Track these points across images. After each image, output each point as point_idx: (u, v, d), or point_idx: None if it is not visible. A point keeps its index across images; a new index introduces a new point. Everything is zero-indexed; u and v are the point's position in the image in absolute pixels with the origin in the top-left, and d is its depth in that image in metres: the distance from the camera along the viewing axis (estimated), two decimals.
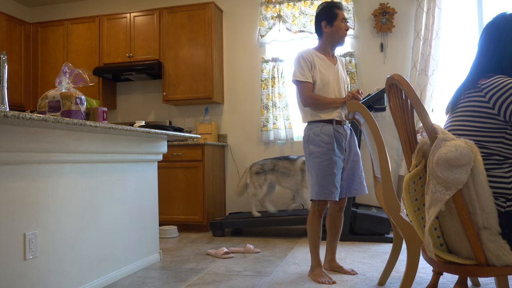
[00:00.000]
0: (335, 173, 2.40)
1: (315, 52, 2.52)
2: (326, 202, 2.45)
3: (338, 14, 2.47)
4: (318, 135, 2.43)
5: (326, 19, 2.48)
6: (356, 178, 2.53)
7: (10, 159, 1.83)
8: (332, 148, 2.41)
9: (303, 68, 2.45)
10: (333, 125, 2.45)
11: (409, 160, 1.49)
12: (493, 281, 2.22)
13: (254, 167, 3.94)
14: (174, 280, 2.50)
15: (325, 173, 2.39)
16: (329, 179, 2.39)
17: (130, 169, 2.71)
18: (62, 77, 2.33)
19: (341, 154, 2.45)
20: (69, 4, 5.34)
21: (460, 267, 1.35)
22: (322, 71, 2.47)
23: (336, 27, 2.47)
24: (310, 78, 2.46)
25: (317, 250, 2.46)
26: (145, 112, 4.98)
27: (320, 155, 2.41)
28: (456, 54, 4.09)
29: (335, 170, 2.40)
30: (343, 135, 2.47)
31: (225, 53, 4.73)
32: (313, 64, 2.46)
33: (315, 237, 2.46)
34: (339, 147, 2.44)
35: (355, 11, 4.29)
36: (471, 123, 1.45)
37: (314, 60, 2.47)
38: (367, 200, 4.20)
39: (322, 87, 2.46)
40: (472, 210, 1.31)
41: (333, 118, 2.45)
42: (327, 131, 2.43)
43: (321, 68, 2.47)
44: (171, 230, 3.92)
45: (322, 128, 2.44)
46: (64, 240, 2.14)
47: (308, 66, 2.45)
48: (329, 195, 2.39)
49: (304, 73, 2.45)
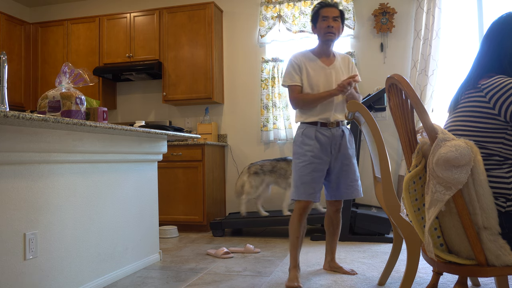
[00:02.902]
0: (312, 174, 2.38)
1: (307, 54, 2.50)
2: (307, 202, 2.40)
3: (320, 14, 2.44)
4: (300, 137, 2.45)
5: (312, 21, 2.50)
6: (345, 180, 2.48)
7: (10, 159, 1.83)
8: (311, 150, 2.40)
9: (291, 72, 2.46)
10: (317, 127, 2.43)
11: (409, 160, 1.49)
12: (493, 281, 2.22)
13: (253, 168, 3.94)
14: (174, 280, 2.50)
15: (301, 174, 2.40)
16: (305, 180, 2.38)
17: (130, 169, 2.71)
18: (62, 77, 2.33)
19: (324, 157, 2.42)
20: (69, 4, 5.35)
21: (460, 267, 1.35)
22: (311, 73, 2.44)
23: (318, 27, 2.45)
24: (299, 81, 2.45)
25: (295, 250, 2.42)
26: (145, 112, 4.98)
27: (300, 156, 2.43)
28: (456, 54, 4.09)
29: (313, 171, 2.38)
30: (328, 138, 2.43)
31: (225, 53, 4.73)
32: (301, 67, 2.45)
33: (293, 237, 2.43)
34: (322, 149, 2.41)
35: (355, 11, 4.29)
36: (471, 123, 1.45)
37: (302, 62, 2.46)
38: (367, 200, 4.20)
39: (310, 89, 2.44)
40: (472, 210, 1.31)
41: (317, 120, 2.43)
42: (309, 133, 2.43)
43: (310, 70, 2.45)
44: (171, 230, 3.92)
45: (305, 130, 2.45)
46: (64, 240, 2.14)
47: (295, 70, 2.46)
48: (304, 196, 2.38)
49: (291, 76, 2.46)
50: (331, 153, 2.45)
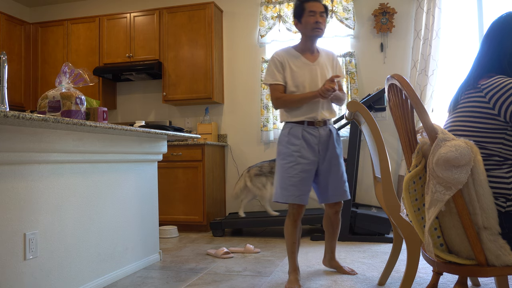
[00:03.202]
0: (300, 175, 2.30)
1: (290, 51, 2.40)
2: (300, 206, 2.33)
3: (306, 8, 2.32)
4: (286, 136, 2.36)
5: (295, 16, 2.38)
6: (333, 182, 2.39)
7: (10, 159, 1.83)
8: (298, 150, 2.32)
9: (273, 70, 2.37)
10: (304, 126, 2.35)
11: (409, 160, 1.49)
12: (493, 281, 2.22)
13: (253, 170, 3.93)
14: (174, 280, 2.50)
15: (287, 175, 2.31)
16: (291, 181, 2.29)
17: (130, 169, 2.71)
18: (62, 77, 2.33)
19: (312, 157, 2.34)
20: (69, 4, 5.35)
21: (460, 267, 1.35)
22: (295, 70, 2.35)
23: (304, 22, 2.32)
24: (281, 80, 2.36)
25: (293, 255, 2.37)
26: (145, 112, 4.98)
27: (286, 156, 2.33)
28: (456, 54, 4.09)
29: (300, 172, 2.30)
30: (315, 137, 2.34)
31: (225, 53, 4.73)
32: (284, 64, 2.36)
33: (290, 242, 2.37)
34: (309, 149, 2.33)
35: (355, 11, 4.29)
36: (471, 123, 1.45)
37: (285, 60, 2.36)
38: (367, 200, 4.20)
39: (295, 87, 2.35)
40: (472, 210, 1.31)
41: (304, 120, 2.35)
42: (295, 132, 2.34)
43: (294, 67, 2.35)
44: (171, 230, 3.92)
45: (291, 129, 2.36)
46: (64, 240, 2.14)
47: (277, 68, 2.36)
48: (292, 198, 2.29)
49: (273, 75, 2.37)
50: (319, 153, 2.36)
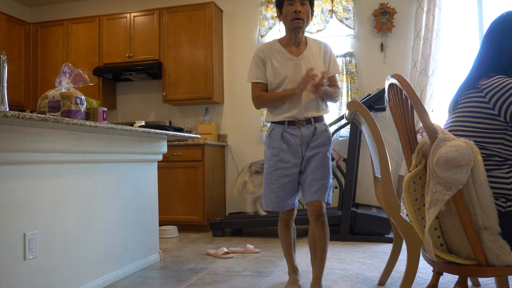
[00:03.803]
0: (279, 181, 2.15)
1: (274, 45, 2.22)
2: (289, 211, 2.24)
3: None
4: (268, 139, 2.23)
5: (277, 7, 2.19)
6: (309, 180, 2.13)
7: (10, 159, 1.83)
8: (277, 153, 2.16)
9: (253, 68, 2.21)
10: (285, 126, 2.16)
11: (409, 160, 1.48)
12: (493, 281, 2.22)
13: (254, 166, 3.94)
14: (174, 280, 2.50)
15: (268, 181, 2.19)
16: (271, 187, 2.17)
17: (130, 169, 2.71)
18: (62, 77, 2.33)
19: (293, 159, 2.15)
20: (69, 4, 5.34)
21: (460, 267, 1.35)
22: (276, 66, 2.16)
23: (284, 13, 2.13)
24: (262, 77, 2.19)
25: (290, 257, 2.33)
26: (145, 112, 4.98)
27: (267, 161, 2.21)
28: (456, 54, 4.09)
29: (279, 178, 2.15)
30: (297, 137, 2.14)
31: (225, 53, 4.73)
32: (265, 60, 2.19)
33: (285, 245, 2.31)
34: (290, 151, 2.15)
35: (355, 11, 4.29)
36: (471, 123, 1.45)
37: (266, 55, 2.19)
38: (367, 200, 4.20)
39: (278, 83, 2.16)
40: (472, 210, 1.31)
41: (284, 120, 2.16)
42: (275, 134, 2.18)
43: (276, 63, 2.16)
44: (171, 230, 3.92)
45: (272, 131, 2.20)
46: (64, 240, 2.14)
47: (258, 65, 2.19)
48: (271, 205, 2.18)
49: (254, 72, 2.21)
50: (302, 153, 2.17)
